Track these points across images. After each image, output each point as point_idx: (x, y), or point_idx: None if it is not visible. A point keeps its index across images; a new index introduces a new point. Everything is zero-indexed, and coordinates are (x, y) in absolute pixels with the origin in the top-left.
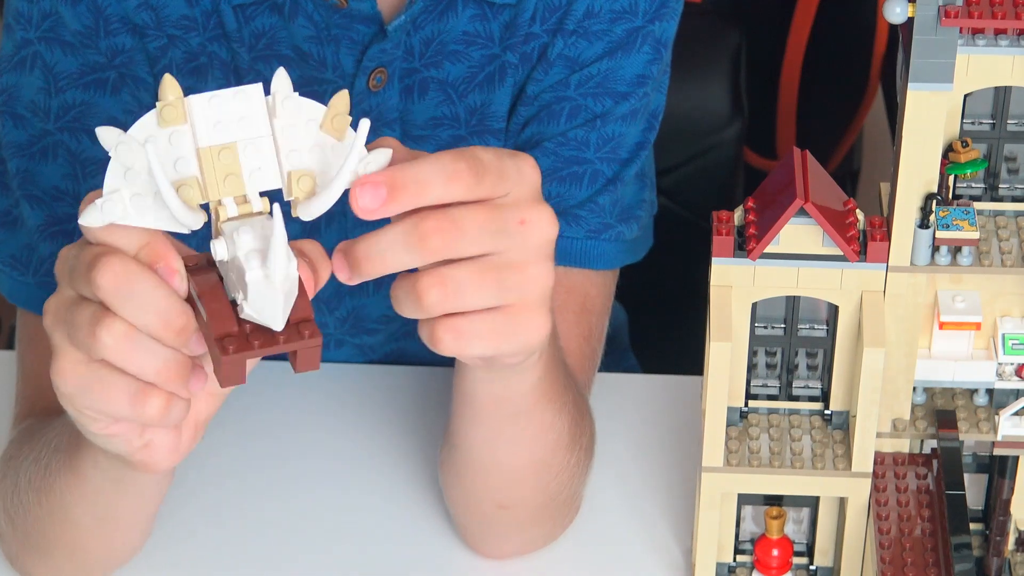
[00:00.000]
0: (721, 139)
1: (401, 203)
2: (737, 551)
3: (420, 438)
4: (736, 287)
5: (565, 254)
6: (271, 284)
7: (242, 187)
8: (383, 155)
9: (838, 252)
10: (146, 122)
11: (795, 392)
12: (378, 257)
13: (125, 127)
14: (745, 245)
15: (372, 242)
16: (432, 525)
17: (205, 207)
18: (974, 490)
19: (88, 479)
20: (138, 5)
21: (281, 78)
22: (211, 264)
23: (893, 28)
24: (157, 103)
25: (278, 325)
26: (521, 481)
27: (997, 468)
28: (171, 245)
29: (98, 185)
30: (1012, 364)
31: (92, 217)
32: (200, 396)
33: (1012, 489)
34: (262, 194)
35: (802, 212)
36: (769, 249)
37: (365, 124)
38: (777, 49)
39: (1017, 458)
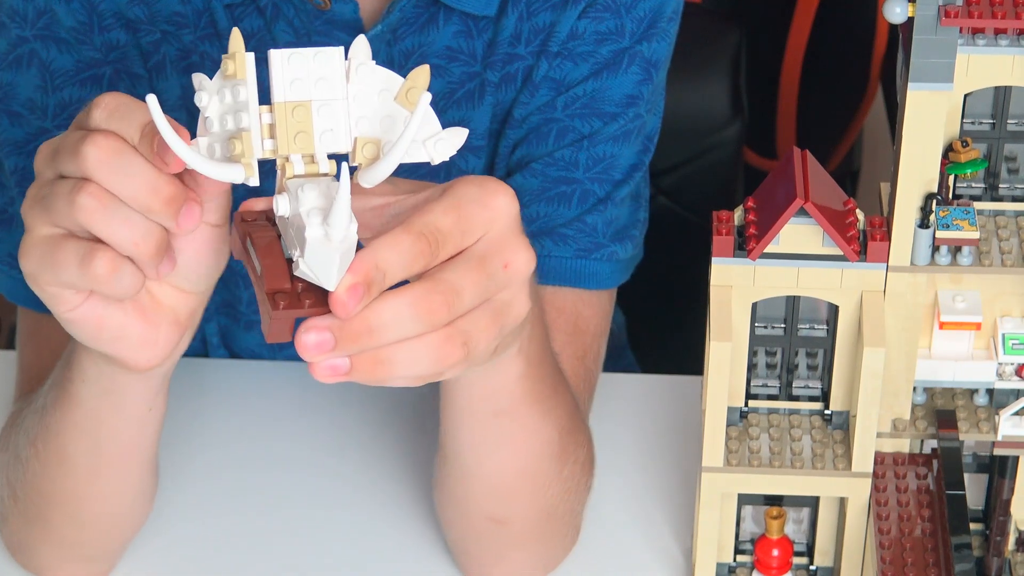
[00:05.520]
0: (721, 139)
1: (372, 296)
2: (737, 551)
3: (417, 436)
4: (736, 287)
5: (554, 273)
6: (330, 242)
7: (312, 146)
8: (459, 134)
9: (838, 252)
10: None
11: (795, 392)
12: (380, 329)
13: None
14: (745, 245)
15: (375, 313)
16: (429, 526)
17: (272, 163)
18: (974, 490)
19: (78, 399)
20: (131, 0)
21: (360, 45)
22: (271, 221)
23: (893, 28)
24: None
25: (331, 285)
26: (512, 492)
27: (997, 468)
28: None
29: None
30: (1012, 364)
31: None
32: (171, 293)
33: (1012, 489)
34: (330, 157)
35: (802, 212)
36: (769, 249)
37: (426, 97)
38: (777, 49)
39: (1017, 458)
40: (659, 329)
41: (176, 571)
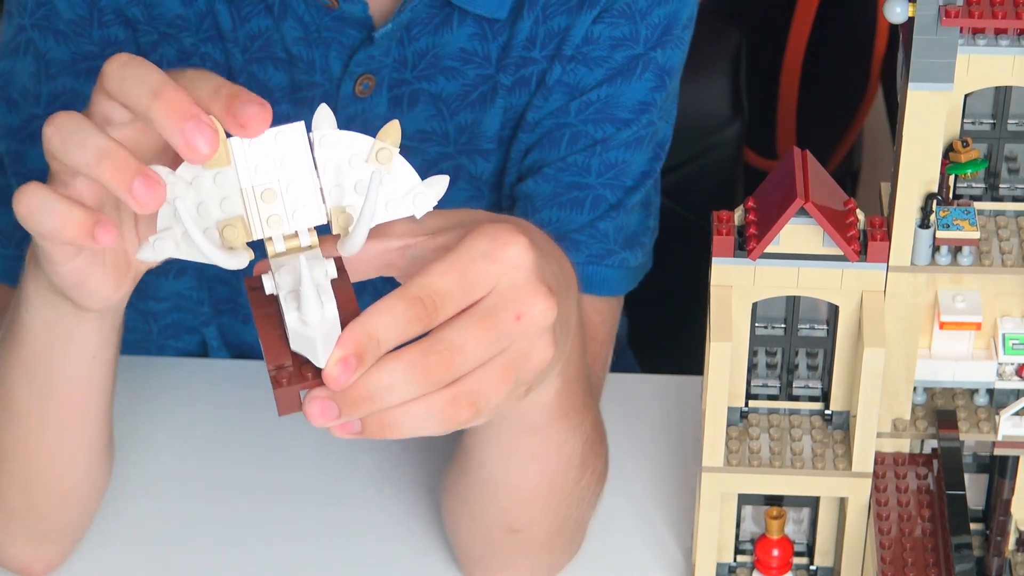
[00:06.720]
0: (721, 139)
1: (367, 364)
2: (737, 551)
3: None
4: (736, 287)
5: None
6: (307, 327)
7: (283, 227)
8: (439, 183)
9: (838, 252)
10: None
11: (795, 392)
12: (380, 395)
13: None
14: (745, 245)
15: (372, 379)
16: (434, 525)
17: (259, 242)
18: (974, 490)
19: (24, 335)
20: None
21: (322, 115)
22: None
23: (893, 28)
24: None
25: (320, 363)
26: (532, 503)
27: (997, 468)
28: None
29: None
30: (1012, 364)
31: (146, 253)
32: (134, 241)
33: (1012, 489)
34: (318, 227)
35: (802, 212)
36: (769, 249)
37: (391, 154)
38: (777, 49)
39: (1017, 458)
40: (659, 329)
41: (176, 573)
